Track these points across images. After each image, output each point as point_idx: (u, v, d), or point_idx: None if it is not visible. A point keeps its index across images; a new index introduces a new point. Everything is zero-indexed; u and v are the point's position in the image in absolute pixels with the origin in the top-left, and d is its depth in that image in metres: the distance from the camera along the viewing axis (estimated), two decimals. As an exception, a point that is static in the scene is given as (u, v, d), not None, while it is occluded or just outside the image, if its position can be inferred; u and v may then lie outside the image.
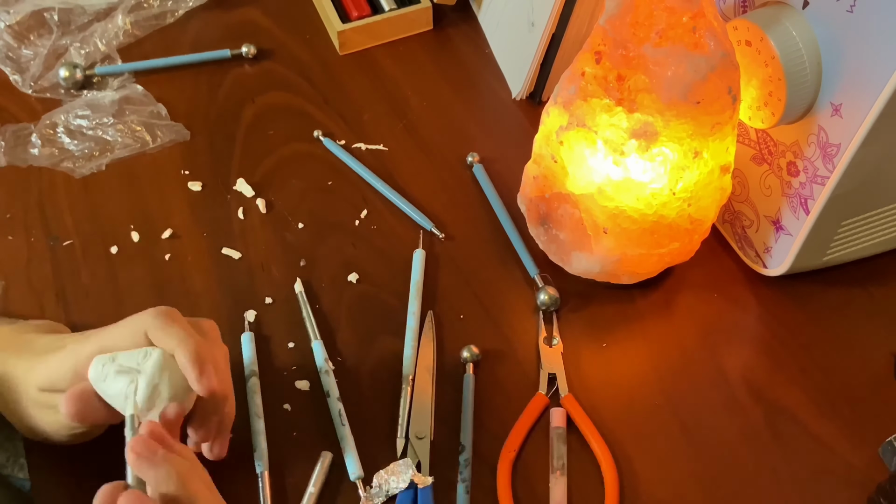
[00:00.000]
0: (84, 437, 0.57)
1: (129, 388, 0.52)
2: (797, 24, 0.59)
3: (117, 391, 0.52)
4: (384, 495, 0.60)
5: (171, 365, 0.53)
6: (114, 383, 0.52)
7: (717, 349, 0.68)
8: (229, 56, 0.86)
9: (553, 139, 0.64)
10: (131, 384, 0.52)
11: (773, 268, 0.68)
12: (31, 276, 0.71)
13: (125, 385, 0.52)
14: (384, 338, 0.68)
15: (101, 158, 0.79)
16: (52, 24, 0.87)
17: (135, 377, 0.52)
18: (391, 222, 0.75)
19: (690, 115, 0.59)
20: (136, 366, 0.53)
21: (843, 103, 0.59)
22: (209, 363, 0.53)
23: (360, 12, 0.87)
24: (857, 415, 0.64)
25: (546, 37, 0.78)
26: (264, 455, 0.61)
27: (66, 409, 0.52)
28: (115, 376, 0.52)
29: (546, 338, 0.68)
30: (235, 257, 0.72)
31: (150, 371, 0.52)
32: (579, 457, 0.62)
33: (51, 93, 0.83)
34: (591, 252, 0.66)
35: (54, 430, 0.56)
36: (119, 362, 0.53)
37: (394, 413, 0.64)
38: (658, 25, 0.57)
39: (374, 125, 0.82)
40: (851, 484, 0.61)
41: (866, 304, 0.70)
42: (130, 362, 0.53)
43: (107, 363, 0.53)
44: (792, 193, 0.65)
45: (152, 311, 0.55)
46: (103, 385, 0.53)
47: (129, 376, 0.52)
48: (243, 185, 0.77)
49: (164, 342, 0.53)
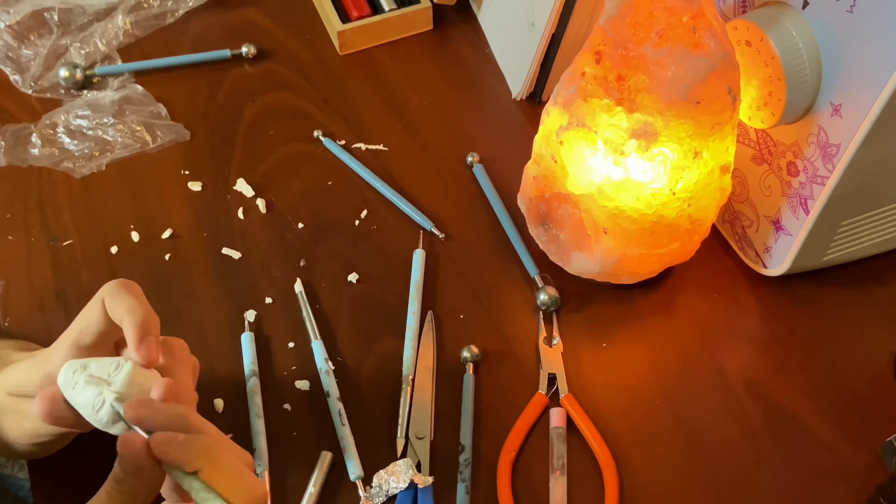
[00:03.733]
0: (46, 448, 0.56)
1: (96, 399, 0.50)
2: (797, 24, 0.59)
3: (85, 401, 0.50)
4: (384, 495, 0.60)
5: (141, 380, 0.51)
6: (82, 392, 0.50)
7: (717, 349, 0.68)
8: (229, 56, 0.86)
9: (553, 139, 0.64)
10: (99, 396, 0.50)
11: (773, 268, 0.68)
12: (31, 276, 0.71)
13: (93, 396, 0.50)
14: (384, 338, 0.68)
15: (101, 158, 0.79)
16: (52, 24, 0.87)
17: (103, 389, 0.50)
18: (391, 222, 0.75)
19: (690, 115, 0.59)
20: (106, 377, 0.51)
21: (843, 103, 0.59)
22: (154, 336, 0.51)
23: (360, 12, 0.87)
24: (857, 415, 0.64)
25: (546, 37, 0.78)
26: (264, 455, 0.61)
27: (38, 409, 0.51)
28: (85, 385, 0.50)
29: (546, 338, 0.68)
30: (235, 257, 0.72)
31: (119, 384, 0.50)
32: (579, 457, 0.62)
33: (51, 93, 0.83)
34: (591, 252, 0.66)
35: (17, 436, 0.55)
36: (90, 371, 0.51)
37: (394, 413, 0.64)
38: (658, 25, 0.57)
39: (374, 125, 0.82)
40: (851, 484, 0.61)
41: (866, 304, 0.70)
42: (101, 372, 0.51)
43: (77, 370, 0.51)
44: (792, 193, 0.65)
45: (110, 282, 0.53)
46: (72, 392, 0.51)
47: (98, 387, 0.50)
48: (243, 185, 0.77)
49: (115, 310, 0.52)
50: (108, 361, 0.52)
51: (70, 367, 0.51)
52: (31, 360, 0.54)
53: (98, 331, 0.52)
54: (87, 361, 0.51)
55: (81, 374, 0.51)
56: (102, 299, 0.52)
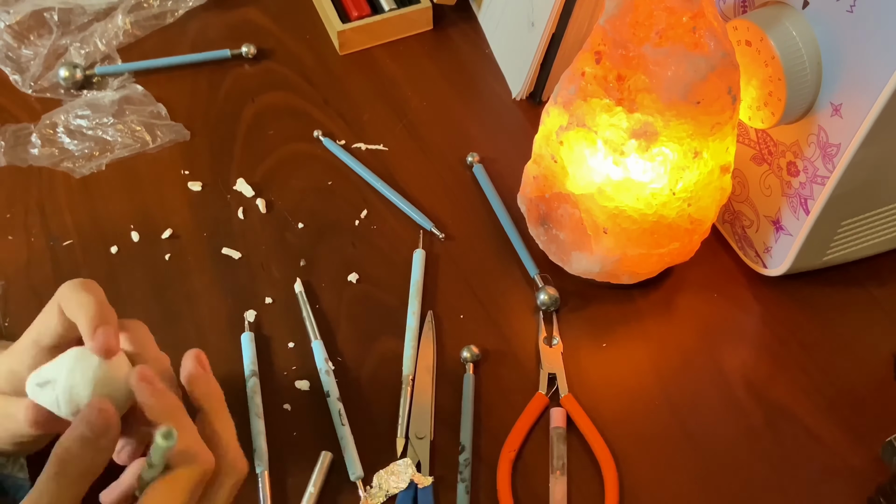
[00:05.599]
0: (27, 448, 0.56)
1: (53, 401, 0.50)
2: (797, 24, 0.59)
3: (47, 405, 0.50)
4: (384, 495, 0.60)
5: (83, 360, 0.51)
6: (43, 398, 0.50)
7: (717, 349, 0.68)
8: (229, 56, 0.86)
9: (553, 139, 0.64)
10: (53, 393, 0.50)
11: (773, 268, 0.68)
12: (31, 276, 0.71)
13: (51, 398, 0.50)
14: (384, 338, 0.68)
15: (101, 158, 0.79)
16: (52, 24, 0.87)
17: (54, 386, 0.50)
18: (391, 222, 0.75)
19: (690, 115, 0.59)
20: (52, 376, 0.50)
21: (843, 103, 0.59)
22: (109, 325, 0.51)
23: (360, 12, 0.87)
24: (857, 415, 0.64)
25: (546, 37, 0.78)
26: (264, 455, 0.61)
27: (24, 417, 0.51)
28: (42, 390, 0.50)
29: (546, 338, 0.68)
30: (235, 257, 0.72)
31: (63, 376, 0.50)
32: (579, 457, 0.62)
33: (51, 93, 0.83)
34: (591, 252, 0.66)
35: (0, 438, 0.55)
36: (42, 374, 0.51)
37: (394, 413, 0.64)
38: (658, 25, 0.57)
39: (374, 125, 0.82)
40: (851, 484, 0.61)
41: (866, 304, 0.70)
42: (49, 373, 0.51)
43: (33, 378, 0.51)
44: (792, 193, 0.65)
45: (66, 283, 0.53)
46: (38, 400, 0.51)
47: (50, 387, 0.50)
48: (243, 185, 0.77)
49: (69, 308, 0.52)
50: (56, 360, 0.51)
51: (31, 380, 0.51)
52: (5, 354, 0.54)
53: (56, 332, 0.52)
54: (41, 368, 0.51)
55: (35, 380, 0.51)
56: (59, 302, 0.52)
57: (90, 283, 0.53)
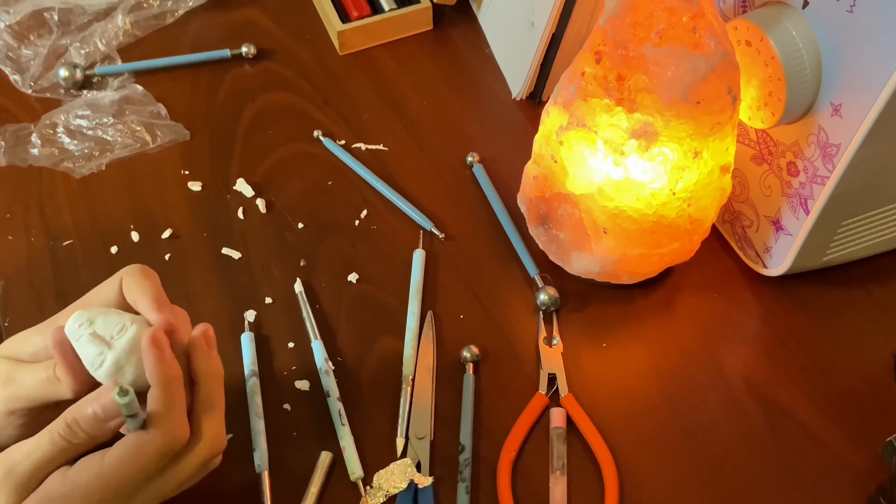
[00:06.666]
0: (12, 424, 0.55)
1: (96, 359, 0.51)
2: (797, 24, 0.59)
3: (85, 357, 0.51)
4: (384, 495, 0.60)
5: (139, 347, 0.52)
6: (84, 348, 0.51)
7: (717, 349, 0.68)
8: (229, 56, 0.86)
9: (553, 139, 0.64)
10: (99, 356, 0.51)
11: (773, 268, 0.68)
12: (31, 276, 0.71)
13: (94, 354, 0.51)
14: (384, 338, 0.68)
15: (101, 158, 0.79)
16: (52, 24, 0.87)
17: (104, 350, 0.51)
18: (391, 222, 0.75)
19: (690, 115, 0.59)
20: (109, 338, 0.51)
21: (843, 103, 0.59)
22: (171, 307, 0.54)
23: (360, 12, 0.87)
24: (857, 415, 0.64)
25: (546, 37, 0.78)
26: (264, 455, 0.61)
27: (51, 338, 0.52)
28: (88, 341, 0.51)
29: (546, 338, 0.68)
30: (235, 257, 0.72)
31: (120, 348, 0.51)
32: (579, 457, 0.62)
33: (51, 93, 0.83)
34: (591, 252, 0.66)
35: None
36: (95, 328, 0.51)
37: (394, 413, 0.64)
38: (658, 25, 0.57)
39: (374, 125, 0.82)
40: (851, 484, 0.61)
41: (866, 304, 0.70)
42: (105, 332, 0.51)
43: (84, 324, 0.51)
44: (792, 193, 0.65)
45: (132, 265, 0.55)
46: (76, 344, 0.51)
47: (99, 347, 0.51)
48: (243, 185, 0.77)
49: (130, 290, 0.54)
50: (114, 320, 0.52)
51: (77, 318, 0.52)
52: (38, 326, 0.56)
53: (108, 304, 0.54)
54: (95, 316, 0.52)
55: (87, 329, 0.51)
56: (122, 278, 0.55)
57: (150, 269, 0.56)
